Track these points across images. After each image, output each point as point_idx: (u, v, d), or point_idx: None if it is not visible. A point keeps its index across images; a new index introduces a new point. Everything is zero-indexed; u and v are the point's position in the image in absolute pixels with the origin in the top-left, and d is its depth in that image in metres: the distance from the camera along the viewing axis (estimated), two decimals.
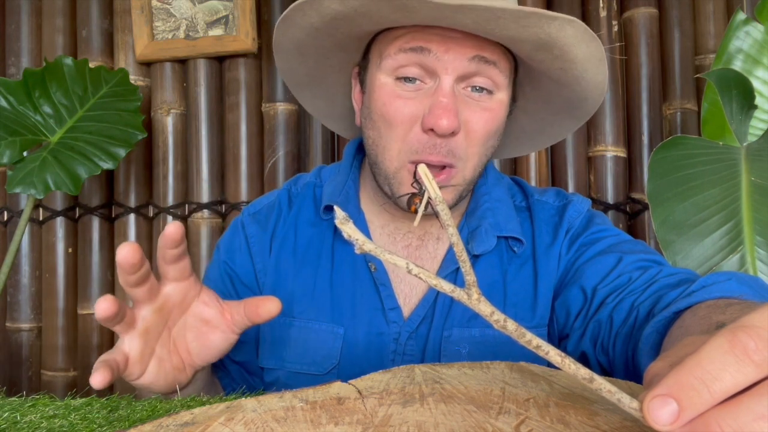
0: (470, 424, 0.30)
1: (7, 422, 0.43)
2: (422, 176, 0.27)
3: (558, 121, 0.74)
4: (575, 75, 0.63)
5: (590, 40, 0.58)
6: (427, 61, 0.60)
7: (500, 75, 0.62)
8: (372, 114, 0.65)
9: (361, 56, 0.69)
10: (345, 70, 0.73)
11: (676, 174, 1.00)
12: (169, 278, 0.51)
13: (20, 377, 1.48)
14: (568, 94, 0.67)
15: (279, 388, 0.69)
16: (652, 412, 0.24)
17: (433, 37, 0.59)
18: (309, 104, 0.80)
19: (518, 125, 0.77)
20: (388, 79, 0.62)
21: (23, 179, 1.13)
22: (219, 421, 0.32)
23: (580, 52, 0.59)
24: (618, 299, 0.59)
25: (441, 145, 0.60)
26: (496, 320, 0.28)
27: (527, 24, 0.55)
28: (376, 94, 0.63)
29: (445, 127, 0.58)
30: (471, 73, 0.61)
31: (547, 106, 0.72)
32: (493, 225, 0.69)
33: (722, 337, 0.24)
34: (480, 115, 0.62)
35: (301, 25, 0.62)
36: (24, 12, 1.47)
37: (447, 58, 0.59)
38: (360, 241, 0.28)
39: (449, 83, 0.60)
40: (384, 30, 0.64)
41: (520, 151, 0.83)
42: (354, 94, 0.72)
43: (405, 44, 0.60)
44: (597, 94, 0.66)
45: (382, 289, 0.68)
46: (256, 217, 0.75)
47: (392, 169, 0.64)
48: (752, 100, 1.05)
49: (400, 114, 0.61)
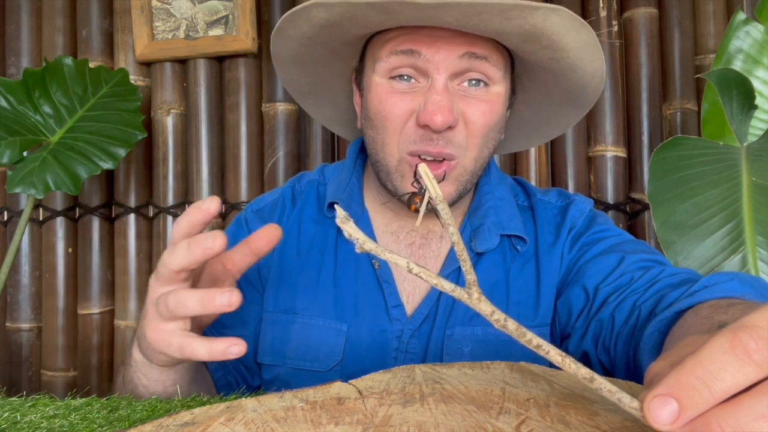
0: (470, 424, 0.30)
1: (7, 422, 0.43)
2: (422, 175, 0.27)
3: (561, 111, 0.74)
4: (568, 64, 0.63)
5: (580, 28, 0.58)
6: (419, 63, 0.60)
7: (493, 68, 0.62)
8: (369, 113, 0.66)
9: (357, 61, 0.70)
10: (344, 75, 0.74)
11: (677, 174, 1.00)
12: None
13: (20, 377, 1.48)
14: (564, 84, 0.67)
15: (279, 386, 0.69)
16: (652, 411, 0.24)
17: (422, 38, 0.60)
18: (315, 112, 0.82)
19: (521, 118, 0.77)
20: (383, 80, 0.63)
21: (23, 179, 1.13)
22: (219, 421, 0.32)
23: (570, 41, 0.59)
24: (620, 299, 0.59)
25: (438, 138, 0.61)
26: (497, 320, 0.27)
27: (510, 16, 0.55)
28: (372, 93, 0.64)
29: (440, 124, 0.59)
30: (463, 70, 0.61)
31: (548, 97, 0.72)
32: (496, 223, 0.69)
33: (723, 336, 0.24)
34: (477, 106, 0.62)
35: (293, 36, 0.64)
36: (24, 12, 1.47)
37: (437, 58, 0.60)
38: (361, 240, 0.28)
39: (442, 81, 0.60)
40: (376, 34, 0.65)
41: (526, 144, 0.83)
42: (355, 99, 0.72)
43: (396, 47, 0.61)
44: (595, 82, 0.66)
45: (386, 287, 0.68)
46: (259, 214, 0.75)
47: (393, 163, 0.64)
48: (752, 100, 1.05)
49: (396, 109, 0.62)
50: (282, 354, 0.69)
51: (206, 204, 0.45)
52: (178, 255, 0.45)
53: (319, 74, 0.73)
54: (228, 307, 0.44)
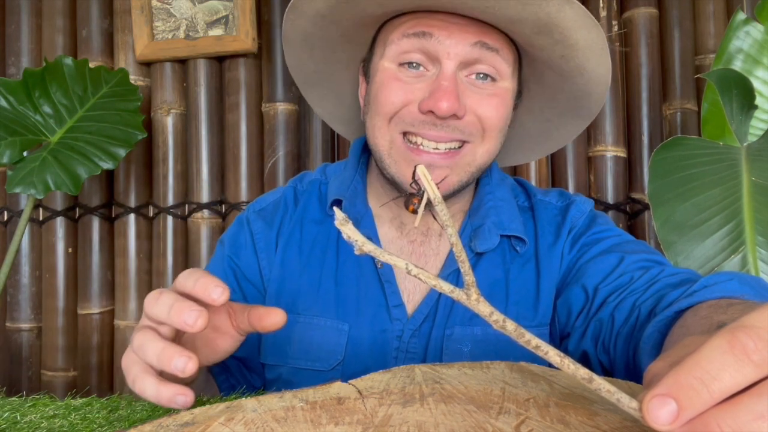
0: (470, 424, 0.30)
1: (7, 422, 0.43)
2: (421, 177, 0.27)
3: (563, 122, 0.75)
4: (577, 64, 0.63)
5: (591, 26, 0.59)
6: (430, 46, 0.60)
7: (503, 63, 0.62)
8: (370, 98, 0.66)
9: (366, 50, 0.70)
10: (352, 66, 0.74)
11: (677, 174, 1.00)
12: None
13: (20, 377, 1.48)
14: (571, 88, 0.67)
15: (281, 385, 0.69)
16: (651, 411, 0.24)
17: (435, 22, 0.60)
18: (317, 104, 0.81)
19: (524, 129, 0.77)
20: (392, 65, 0.63)
21: (23, 179, 1.13)
22: (219, 421, 0.32)
23: (581, 38, 0.59)
24: (619, 299, 0.59)
25: (443, 125, 0.61)
26: (495, 320, 0.28)
27: (527, 2, 0.55)
28: (378, 77, 0.64)
29: (445, 110, 0.58)
30: (473, 60, 0.61)
31: (552, 105, 0.72)
32: (497, 223, 0.69)
33: (721, 337, 0.24)
34: (488, 100, 0.62)
35: (307, 14, 0.63)
36: (24, 12, 1.47)
37: (449, 42, 0.60)
38: (360, 242, 0.28)
39: (451, 68, 0.60)
40: (388, 21, 0.65)
41: (525, 157, 0.84)
42: (360, 91, 0.72)
43: (408, 29, 0.61)
44: (600, 90, 0.66)
45: (387, 286, 0.68)
46: (261, 214, 0.75)
47: (385, 147, 0.64)
48: (752, 100, 1.05)
49: (393, 95, 0.62)
50: (284, 354, 0.69)
51: (216, 293, 0.43)
52: (158, 309, 0.43)
53: (327, 61, 0.72)
54: (181, 373, 0.40)
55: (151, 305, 0.44)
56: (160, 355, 0.41)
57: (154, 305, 0.43)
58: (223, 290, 0.42)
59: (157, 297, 0.44)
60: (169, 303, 0.42)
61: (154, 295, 0.44)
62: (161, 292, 0.44)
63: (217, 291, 0.42)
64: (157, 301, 0.43)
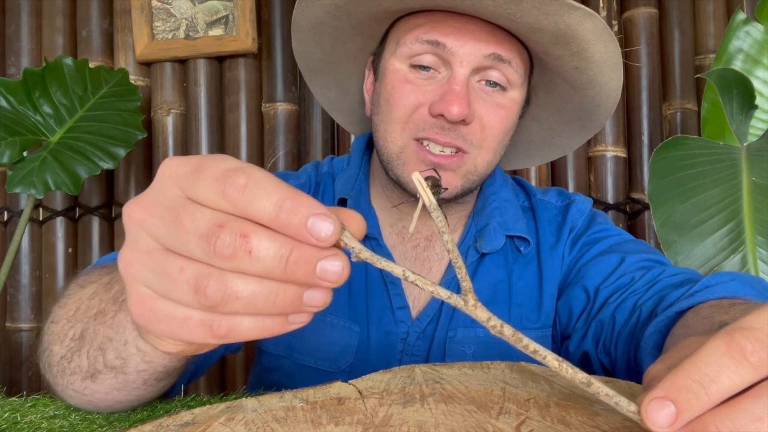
0: (471, 424, 0.30)
1: (8, 422, 0.43)
2: (416, 183, 0.27)
3: (567, 132, 0.74)
4: (590, 77, 0.63)
5: (608, 41, 0.58)
6: (443, 54, 0.60)
7: (515, 74, 0.62)
8: (380, 98, 0.65)
9: (377, 43, 0.69)
10: (360, 58, 0.73)
11: (677, 174, 1.00)
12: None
13: (20, 377, 1.48)
14: (581, 99, 0.67)
15: (281, 377, 0.69)
16: (649, 414, 0.24)
17: (449, 30, 0.59)
18: (320, 93, 0.80)
19: (527, 135, 0.77)
20: (403, 66, 0.63)
21: (23, 179, 1.13)
22: (219, 421, 0.32)
23: (597, 52, 0.59)
24: (620, 299, 0.59)
25: (451, 129, 0.60)
26: (493, 326, 0.27)
27: (549, 11, 0.55)
28: (388, 78, 0.64)
29: (456, 114, 0.58)
30: (486, 67, 0.61)
31: (558, 114, 0.72)
32: (501, 224, 0.69)
33: (719, 339, 0.24)
34: (495, 111, 0.62)
35: (323, 3, 0.62)
36: (24, 12, 1.47)
37: (463, 52, 0.59)
38: (356, 249, 0.27)
39: (464, 74, 0.60)
40: (402, 18, 0.64)
41: (526, 162, 0.84)
42: (366, 84, 0.72)
43: (421, 35, 0.60)
44: (609, 104, 0.66)
45: (392, 288, 0.67)
46: None
47: (395, 151, 0.63)
48: (752, 100, 1.05)
49: (405, 99, 0.62)
50: (288, 346, 0.68)
51: (326, 228, 0.25)
52: (235, 192, 0.25)
53: (335, 51, 0.71)
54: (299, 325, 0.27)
55: (208, 182, 0.25)
56: (267, 323, 0.26)
57: (216, 183, 0.25)
58: (332, 222, 0.25)
59: (214, 166, 0.25)
60: (269, 188, 0.25)
61: (192, 163, 0.26)
62: (222, 161, 0.25)
63: (326, 224, 0.25)
64: (223, 180, 0.25)
